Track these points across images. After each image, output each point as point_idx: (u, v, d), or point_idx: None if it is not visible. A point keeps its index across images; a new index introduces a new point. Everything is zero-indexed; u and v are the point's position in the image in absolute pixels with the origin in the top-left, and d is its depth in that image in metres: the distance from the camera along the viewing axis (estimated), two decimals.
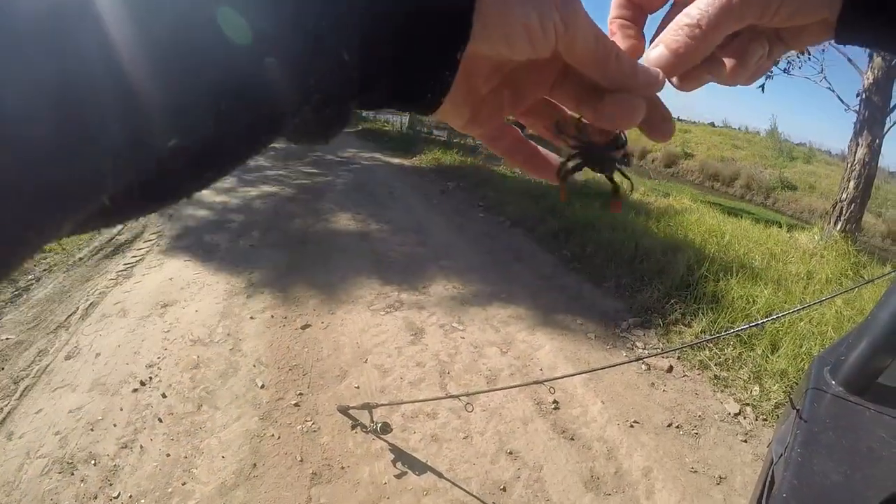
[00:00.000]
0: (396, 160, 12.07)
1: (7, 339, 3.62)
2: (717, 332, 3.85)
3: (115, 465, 2.47)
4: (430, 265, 5.10)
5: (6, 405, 2.91)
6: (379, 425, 2.53)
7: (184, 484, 2.36)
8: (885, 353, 1.35)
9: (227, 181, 8.92)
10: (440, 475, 2.39)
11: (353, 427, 2.61)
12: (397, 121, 21.57)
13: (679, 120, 37.05)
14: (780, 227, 6.72)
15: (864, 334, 1.39)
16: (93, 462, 2.49)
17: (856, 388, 1.36)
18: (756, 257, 5.12)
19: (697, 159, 22.71)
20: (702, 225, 6.32)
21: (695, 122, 35.51)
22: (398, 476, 2.37)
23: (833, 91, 6.80)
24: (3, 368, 3.28)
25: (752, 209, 12.96)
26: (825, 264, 5.20)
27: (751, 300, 4.16)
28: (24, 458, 2.53)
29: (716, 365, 3.53)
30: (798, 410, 1.32)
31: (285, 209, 7.14)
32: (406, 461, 2.46)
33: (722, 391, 3.31)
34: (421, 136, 16.03)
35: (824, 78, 6.85)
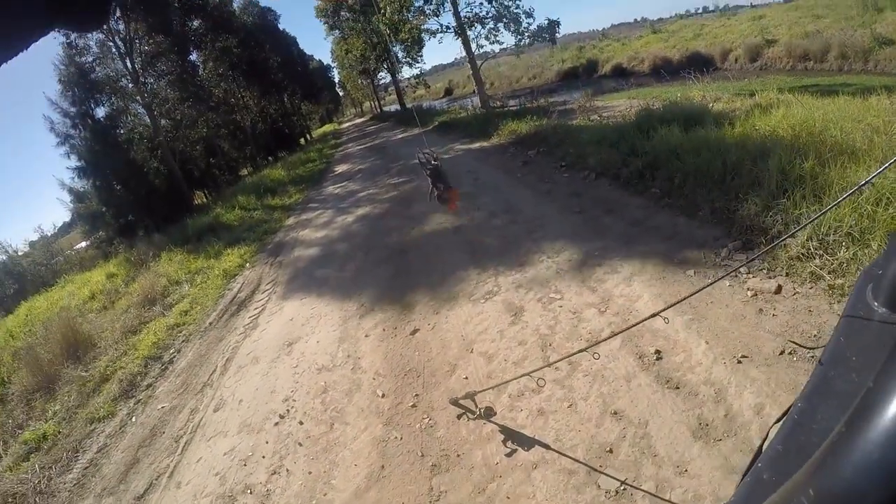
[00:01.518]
0: (476, 145, 12.21)
1: (163, 407, 4.19)
2: (824, 236, 3.54)
3: (267, 491, 2.85)
4: (523, 241, 5.19)
5: (172, 461, 3.43)
6: (482, 410, 2.67)
7: (325, 494, 2.68)
8: None
9: (325, 215, 9.48)
10: (547, 447, 2.48)
11: (459, 416, 2.79)
12: (469, 105, 21.67)
13: (752, 6, 34.04)
14: (880, 94, 6.03)
15: None
16: (249, 491, 2.90)
17: None
18: (856, 138, 4.67)
19: (781, 43, 20.70)
20: (790, 118, 5.79)
21: (767, 5, 32.32)
22: (508, 454, 2.51)
23: None
24: (164, 432, 3.81)
25: (853, 80, 11.74)
26: None
27: (857, 189, 3.80)
28: (192, 500, 3.01)
29: (829, 273, 3.22)
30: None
31: (381, 225, 7.50)
32: (515, 439, 2.59)
33: (839, 301, 2.99)
34: (494, 112, 15.93)
35: None
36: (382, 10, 19.31)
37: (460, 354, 3.53)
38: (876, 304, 0.96)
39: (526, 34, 19.10)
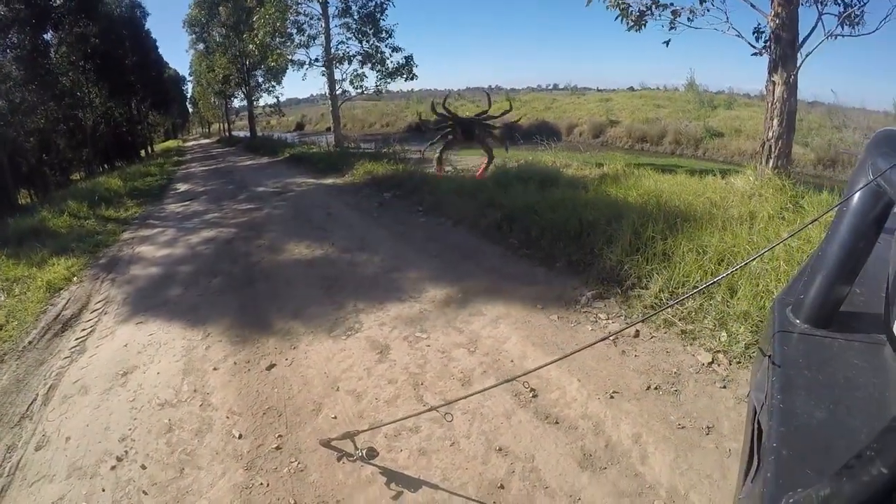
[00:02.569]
0: (329, 180, 12.15)
1: None
2: (674, 289, 3.95)
3: None
4: (381, 280, 5.12)
5: None
6: (364, 451, 2.51)
7: None
8: (841, 283, 1.37)
9: (166, 234, 8.76)
10: (436, 487, 2.39)
11: (339, 458, 2.58)
12: (323, 141, 21.63)
13: (598, 90, 37.83)
14: (715, 174, 6.91)
15: (819, 268, 1.41)
16: None
17: (820, 322, 1.38)
18: (697, 208, 5.27)
19: (623, 125, 23.42)
20: (640, 188, 6.47)
21: (614, 90, 36.35)
22: (394, 497, 2.36)
23: (742, 37, 7.03)
24: None
25: (684, 163, 13.38)
26: (764, 202, 5.34)
27: (700, 251, 4.24)
28: None
29: (680, 320, 3.63)
30: (769, 356, 1.32)
31: (229, 250, 7.06)
32: (399, 481, 2.45)
33: (691, 344, 3.40)
34: (349, 152, 16.03)
35: (731, 26, 7.05)
36: (255, 32, 18.86)
37: (325, 392, 3.31)
38: (798, 321, 1.41)
39: (389, 70, 19.56)
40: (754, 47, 6.85)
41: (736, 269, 3.59)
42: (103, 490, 2.74)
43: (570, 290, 4.38)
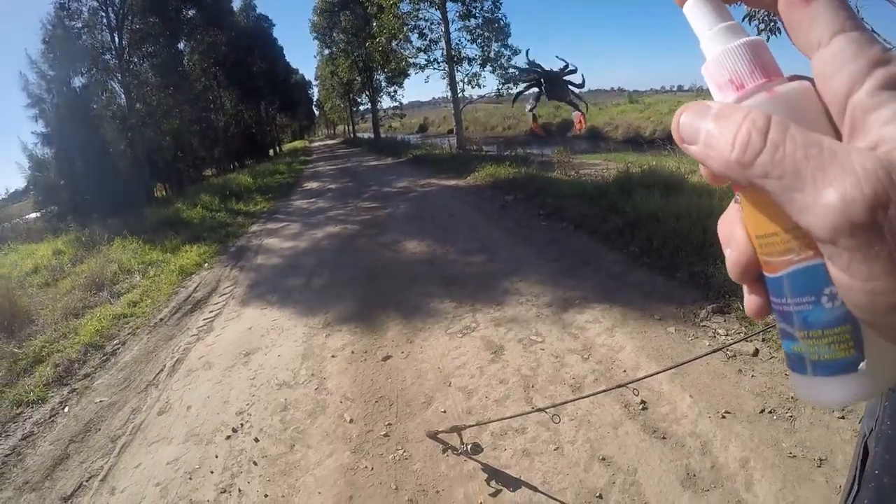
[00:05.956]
0: (451, 182, 12.22)
1: (101, 401, 3.87)
2: None
3: None
4: (500, 281, 5.10)
5: (107, 462, 3.10)
6: (469, 446, 2.52)
7: None
8: None
9: (292, 227, 9.25)
10: (535, 489, 2.36)
11: (444, 451, 2.60)
12: (445, 143, 21.94)
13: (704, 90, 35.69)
14: None
15: None
16: None
17: None
18: None
19: None
20: None
21: None
22: (493, 494, 2.36)
23: (877, 34, 6.41)
24: (100, 429, 3.49)
25: None
26: None
27: None
28: None
29: None
30: None
31: (352, 246, 7.35)
32: (500, 479, 2.45)
33: None
34: (471, 154, 16.10)
35: (863, 20, 6.43)
36: (378, 38, 19.52)
37: (437, 387, 3.37)
38: None
39: (510, 72, 19.52)
40: (890, 45, 6.21)
41: None
42: (216, 456, 2.97)
43: (690, 303, 4.15)
